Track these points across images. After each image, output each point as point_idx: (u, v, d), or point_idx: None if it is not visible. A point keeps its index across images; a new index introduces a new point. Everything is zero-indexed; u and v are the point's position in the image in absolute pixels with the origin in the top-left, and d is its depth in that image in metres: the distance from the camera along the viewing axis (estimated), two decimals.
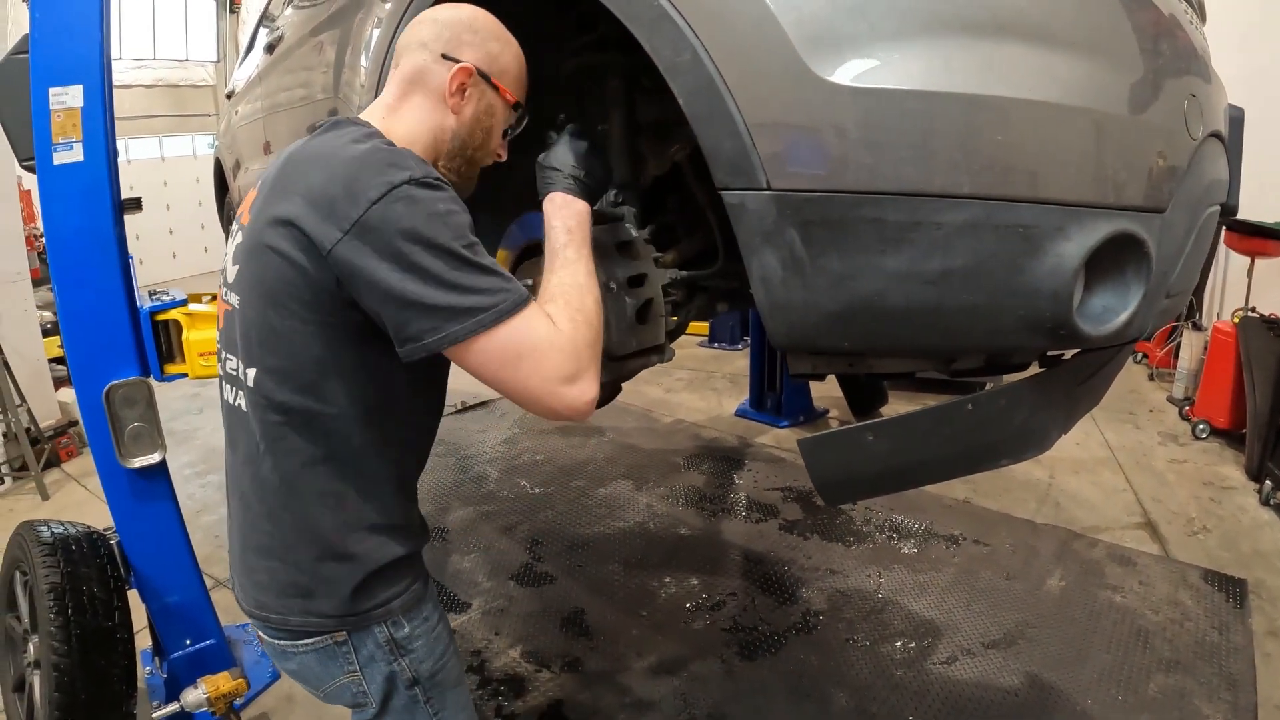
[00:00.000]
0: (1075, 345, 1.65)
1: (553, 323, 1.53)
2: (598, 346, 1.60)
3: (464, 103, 1.74)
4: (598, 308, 1.64)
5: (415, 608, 1.83)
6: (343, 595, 1.72)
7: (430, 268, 1.45)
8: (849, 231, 1.48)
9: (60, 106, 2.92)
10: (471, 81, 1.73)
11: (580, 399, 1.54)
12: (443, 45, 1.73)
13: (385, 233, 1.45)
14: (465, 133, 1.77)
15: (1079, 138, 1.49)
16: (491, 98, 1.78)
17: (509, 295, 1.48)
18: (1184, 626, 3.88)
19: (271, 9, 5.07)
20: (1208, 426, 6.23)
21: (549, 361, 1.51)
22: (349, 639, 1.77)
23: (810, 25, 1.45)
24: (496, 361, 1.51)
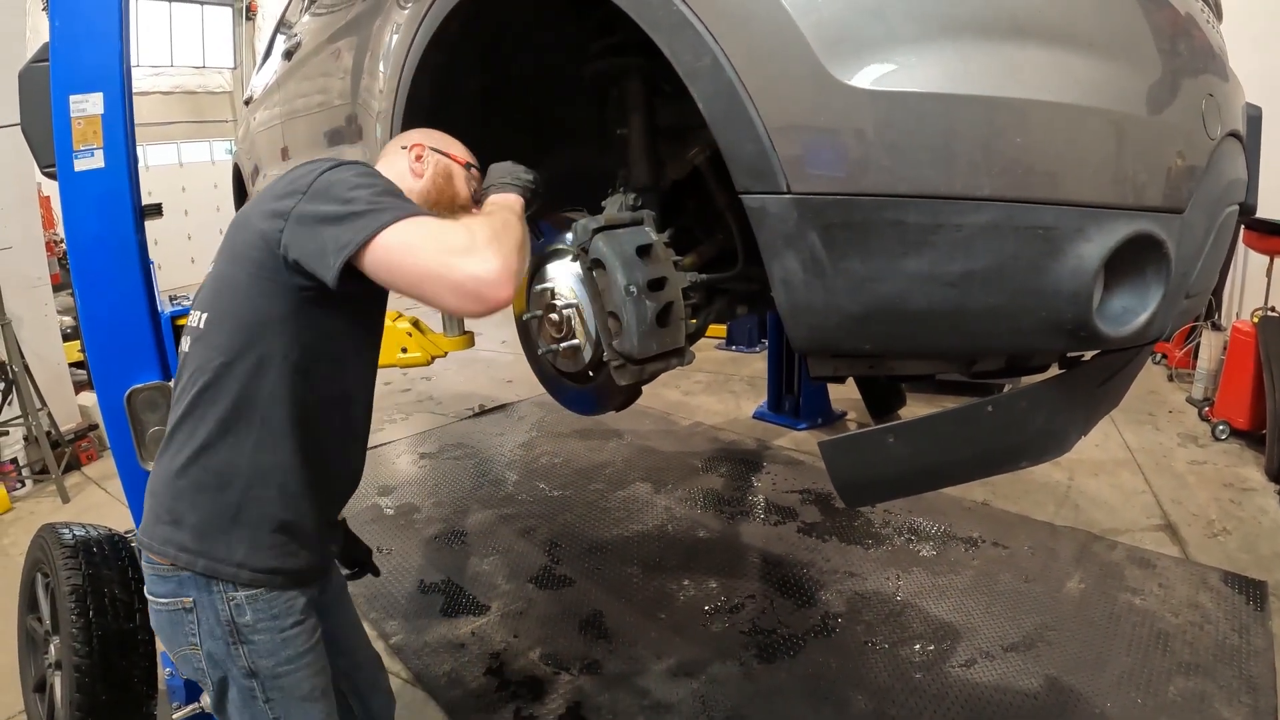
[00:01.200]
0: (1095, 346, 1.65)
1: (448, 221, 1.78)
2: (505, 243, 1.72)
3: (423, 167, 2.07)
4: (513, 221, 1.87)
5: (267, 601, 1.89)
6: (204, 530, 1.85)
7: (360, 197, 1.71)
8: (870, 234, 1.48)
9: (81, 114, 2.94)
10: (426, 153, 2.08)
11: (481, 268, 1.64)
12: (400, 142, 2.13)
13: (327, 187, 1.75)
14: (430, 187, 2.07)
15: (1098, 139, 1.49)
16: (446, 163, 2.10)
17: (411, 207, 1.75)
18: (1204, 629, 3.86)
19: (289, 16, 5.09)
20: (1227, 427, 6.20)
21: (442, 238, 1.67)
22: (195, 608, 1.87)
23: (829, 29, 1.46)
24: (399, 252, 1.66)
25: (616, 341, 1.94)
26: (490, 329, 8.99)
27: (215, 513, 1.84)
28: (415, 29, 2.41)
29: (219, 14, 21.17)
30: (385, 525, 5.45)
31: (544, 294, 2.20)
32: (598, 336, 2.02)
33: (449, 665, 3.86)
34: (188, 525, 1.85)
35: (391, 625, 4.20)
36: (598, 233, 1.94)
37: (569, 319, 2.12)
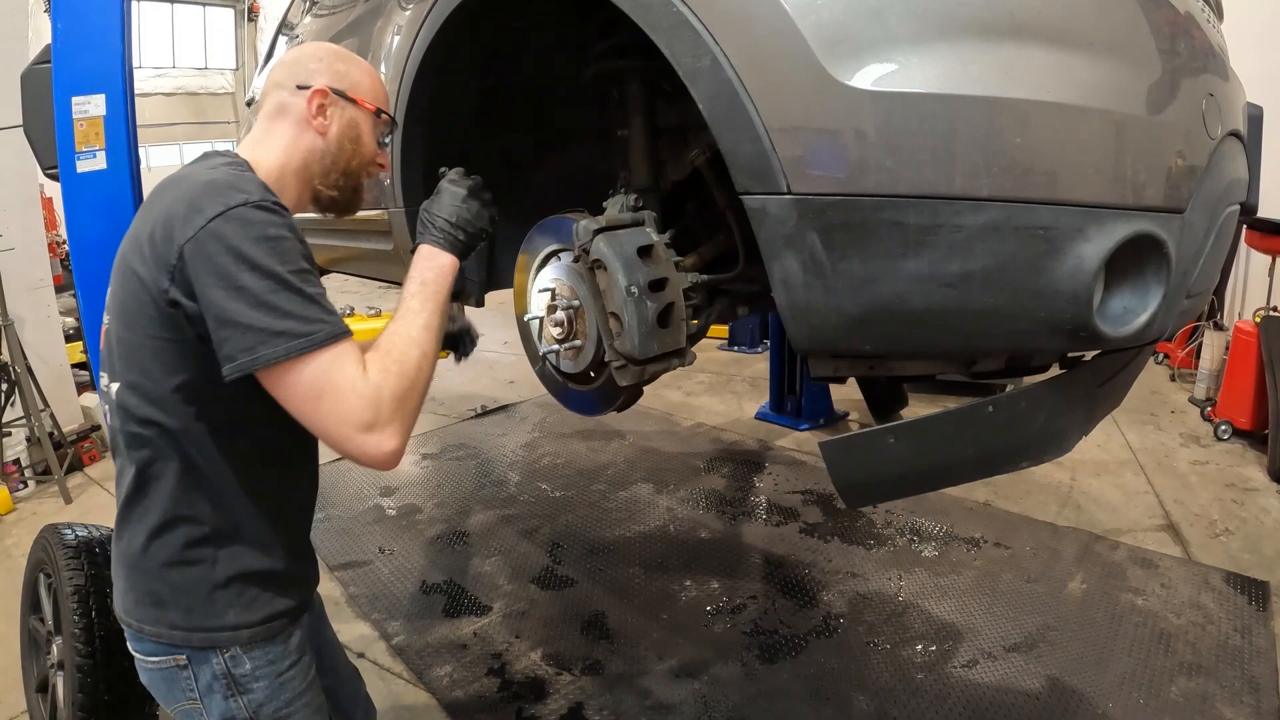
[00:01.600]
0: (1095, 346, 1.65)
1: (362, 368, 1.56)
2: (410, 401, 1.62)
3: (328, 122, 1.86)
4: (423, 363, 1.68)
5: (263, 646, 1.82)
6: (189, 606, 1.74)
7: (251, 288, 1.48)
8: (869, 235, 1.49)
9: (83, 115, 2.95)
10: (329, 100, 1.85)
11: (376, 449, 1.56)
12: (294, 79, 1.85)
13: (215, 250, 1.49)
14: (335, 149, 1.88)
15: (1098, 139, 1.49)
16: (352, 112, 1.89)
17: (324, 328, 1.52)
18: (1206, 630, 3.86)
19: (290, 17, 5.10)
20: (1230, 427, 6.20)
21: (346, 405, 1.53)
22: (190, 664, 1.78)
23: (829, 30, 1.46)
24: (300, 395, 1.53)
25: (618, 342, 1.94)
26: (492, 330, 8.96)
27: (194, 587, 1.74)
28: (416, 31, 2.42)
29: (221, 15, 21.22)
30: (387, 526, 5.45)
31: (545, 295, 2.20)
32: (599, 337, 2.02)
33: (451, 666, 3.86)
34: (171, 605, 1.75)
35: (394, 626, 4.20)
36: (599, 234, 1.95)
37: (570, 320, 2.12)
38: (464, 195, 1.93)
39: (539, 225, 2.28)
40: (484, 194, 1.97)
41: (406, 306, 1.75)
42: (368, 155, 1.94)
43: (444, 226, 1.88)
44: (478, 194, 1.96)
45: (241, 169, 1.70)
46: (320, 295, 1.56)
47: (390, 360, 1.61)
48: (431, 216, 1.90)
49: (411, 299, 1.77)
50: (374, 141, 1.95)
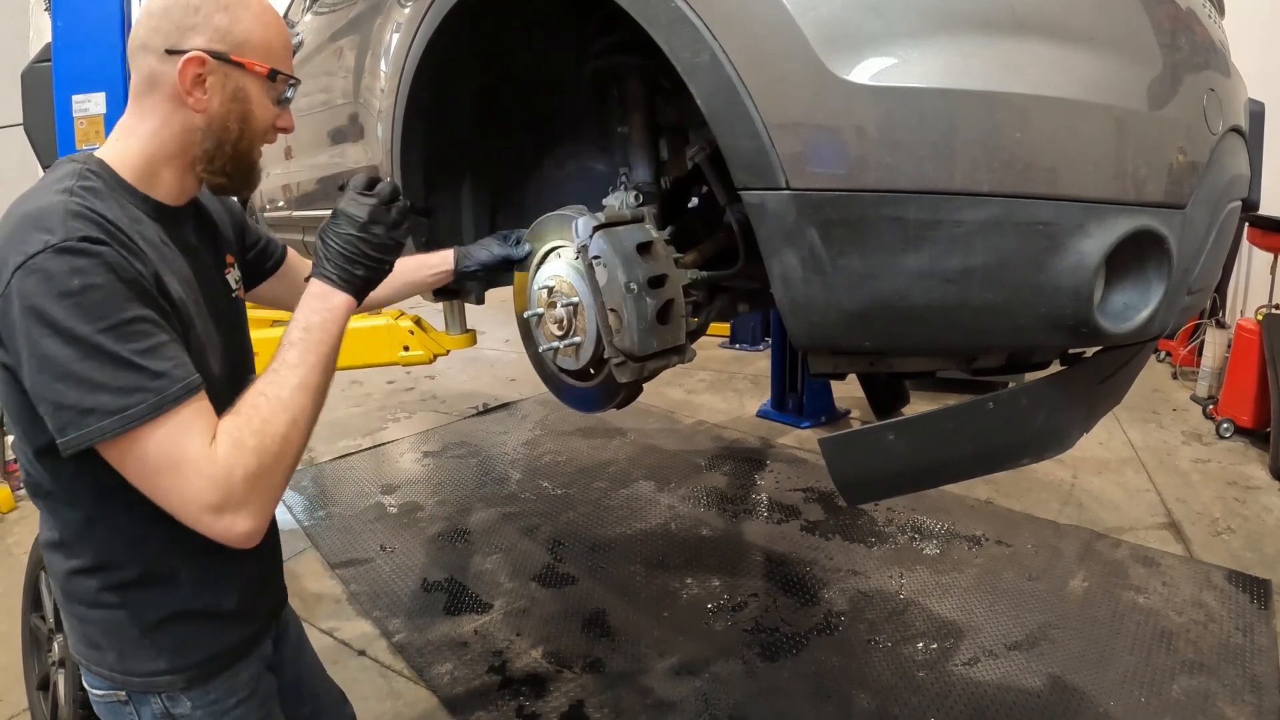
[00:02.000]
0: (1096, 343, 1.65)
1: (210, 440, 1.35)
2: (271, 478, 1.41)
3: (206, 96, 1.52)
4: (291, 432, 1.44)
5: (202, 686, 1.67)
6: (120, 649, 1.62)
7: (54, 357, 1.27)
8: (869, 230, 1.48)
9: (83, 114, 2.95)
10: (207, 69, 1.50)
11: (228, 531, 1.37)
12: (164, 40, 1.50)
13: (16, 313, 1.28)
14: (218, 127, 1.56)
15: (1099, 134, 1.49)
16: (239, 78, 1.55)
17: (145, 399, 1.30)
18: (1208, 628, 3.86)
19: (291, 15, 5.09)
20: (1232, 425, 6.20)
21: (189, 485, 1.33)
22: (130, 701, 1.66)
23: (828, 25, 1.45)
24: (135, 472, 1.35)
25: (617, 339, 1.94)
26: (493, 328, 9.01)
27: (122, 630, 1.60)
28: (415, 28, 2.42)
29: None
30: (388, 523, 5.46)
31: (545, 292, 2.20)
32: (598, 334, 2.02)
33: (452, 663, 3.86)
34: (105, 647, 1.61)
35: (395, 623, 4.21)
36: (598, 230, 1.94)
37: (570, 316, 2.12)
38: (364, 220, 1.63)
39: (538, 222, 2.27)
40: (390, 213, 1.67)
41: (281, 359, 1.50)
42: (261, 126, 1.62)
43: (339, 260, 1.60)
44: (381, 215, 1.65)
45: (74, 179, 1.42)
46: (145, 351, 1.32)
47: (248, 431, 1.38)
48: (325, 246, 1.62)
49: (289, 349, 1.51)
50: (269, 107, 1.62)
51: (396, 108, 2.57)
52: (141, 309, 1.34)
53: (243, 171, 1.64)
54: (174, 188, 1.60)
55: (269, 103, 1.62)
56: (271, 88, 1.61)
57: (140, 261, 1.38)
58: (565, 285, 2.13)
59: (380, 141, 2.75)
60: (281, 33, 1.62)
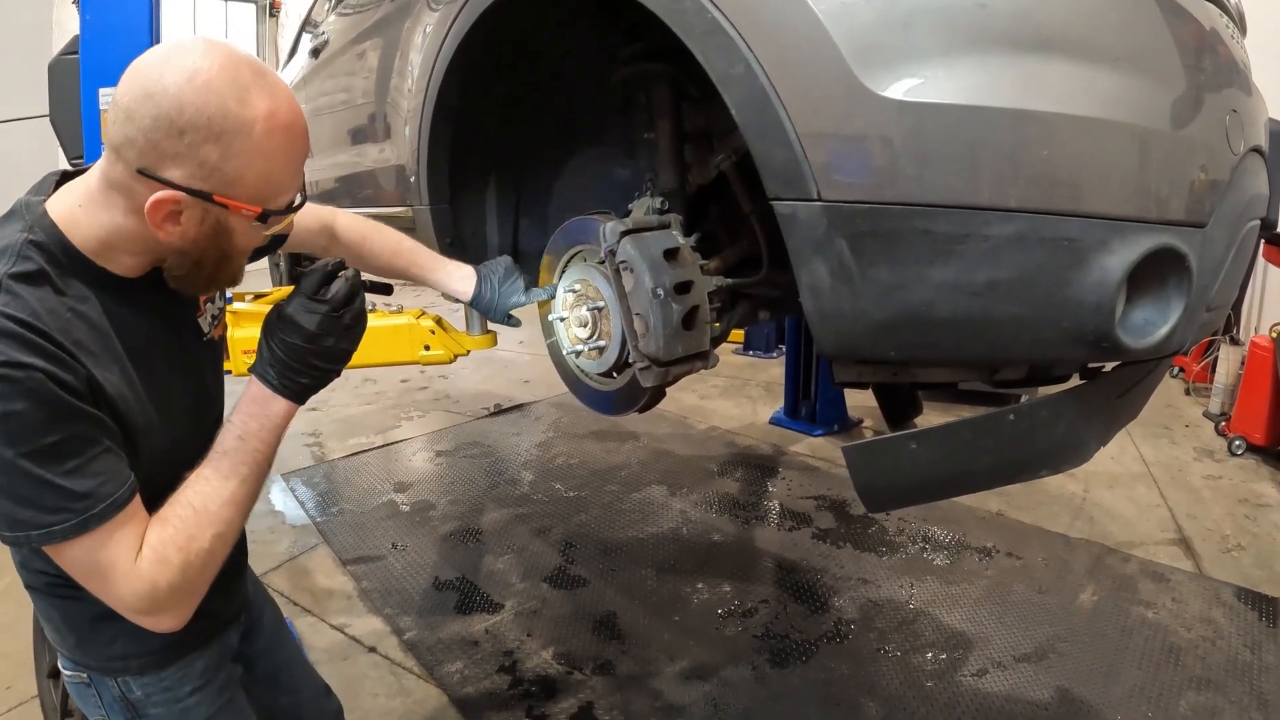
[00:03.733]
0: (1116, 358, 1.67)
1: (136, 553, 1.37)
2: (195, 585, 1.44)
3: (180, 228, 1.36)
4: (216, 543, 1.44)
5: (155, 672, 1.71)
6: (77, 635, 1.65)
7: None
8: (898, 243, 1.50)
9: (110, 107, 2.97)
10: (183, 207, 1.33)
11: (153, 627, 1.43)
12: (138, 156, 1.30)
13: None
14: (193, 255, 1.43)
15: (1123, 153, 1.51)
16: (222, 215, 1.37)
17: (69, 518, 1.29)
18: (1216, 644, 3.86)
19: (314, 15, 5.13)
20: (1244, 442, 6.19)
21: (116, 591, 1.37)
22: (92, 684, 1.70)
23: (861, 39, 1.48)
24: (70, 569, 1.38)
25: (642, 343, 1.96)
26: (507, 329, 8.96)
27: (77, 618, 1.63)
28: (446, 31, 2.44)
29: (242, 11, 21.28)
30: (400, 522, 5.47)
31: (570, 295, 2.22)
32: (623, 338, 2.04)
33: (462, 662, 3.87)
34: (64, 630, 1.65)
35: (406, 621, 4.22)
36: (626, 235, 1.96)
37: (595, 320, 2.14)
38: (311, 332, 1.51)
39: (564, 226, 2.30)
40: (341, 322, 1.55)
41: (214, 466, 1.47)
42: (242, 248, 1.48)
43: (281, 368, 1.52)
44: (331, 327, 1.53)
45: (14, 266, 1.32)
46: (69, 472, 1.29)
47: (173, 548, 1.39)
48: (269, 348, 1.54)
49: (222, 458, 1.48)
50: (257, 237, 1.48)
51: (424, 109, 2.59)
52: (66, 428, 1.30)
53: (220, 283, 1.56)
54: (133, 269, 1.48)
55: (259, 232, 1.47)
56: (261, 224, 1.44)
57: (67, 369, 1.31)
58: (591, 289, 2.15)
59: (407, 141, 2.77)
60: (291, 156, 1.42)
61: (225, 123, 1.28)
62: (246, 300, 3.72)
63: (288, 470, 6.35)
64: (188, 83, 1.27)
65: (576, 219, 2.26)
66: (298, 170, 1.45)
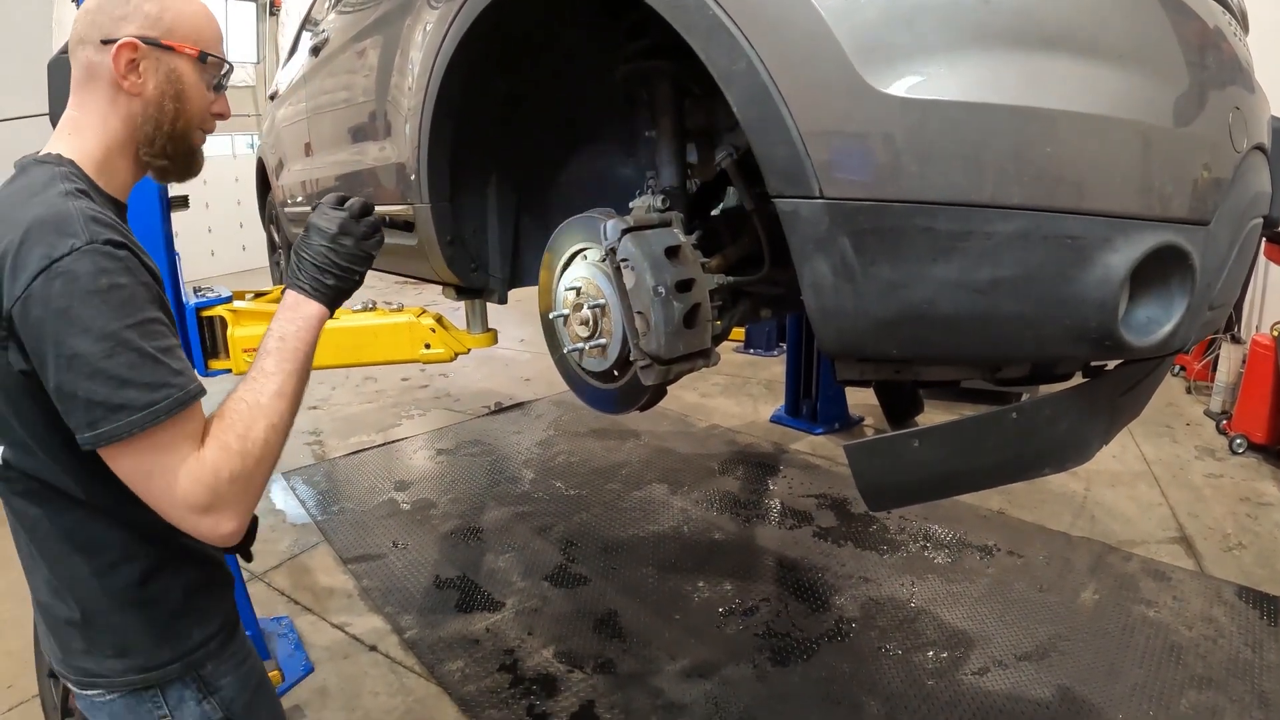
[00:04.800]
0: (1119, 356, 1.66)
1: (198, 444, 1.44)
2: (254, 480, 1.49)
3: (141, 79, 1.57)
4: (270, 435, 1.52)
5: (224, 647, 1.77)
6: (156, 641, 1.66)
7: (84, 354, 1.33)
8: (900, 240, 1.50)
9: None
10: (140, 54, 1.56)
11: (213, 531, 1.45)
12: (99, 32, 1.55)
13: (41, 314, 1.33)
14: (155, 109, 1.60)
15: (1126, 150, 1.50)
16: (171, 61, 1.59)
17: (171, 394, 1.38)
18: (1217, 643, 3.86)
19: (314, 13, 5.12)
20: (1245, 441, 6.18)
21: (180, 487, 1.40)
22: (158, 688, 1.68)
23: (864, 36, 1.47)
24: (130, 471, 1.42)
25: (643, 341, 1.95)
26: (508, 327, 8.97)
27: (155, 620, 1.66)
28: (446, 28, 2.44)
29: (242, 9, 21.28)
30: (401, 520, 5.48)
31: (571, 293, 2.21)
32: (624, 336, 2.03)
33: (463, 661, 3.88)
34: (135, 649, 1.65)
35: (406, 620, 4.23)
36: (627, 233, 1.96)
37: (596, 318, 2.13)
38: (334, 232, 1.71)
39: (565, 224, 2.29)
40: (359, 226, 1.76)
41: (259, 367, 1.57)
42: (196, 109, 1.66)
43: (310, 270, 1.69)
44: (350, 228, 1.74)
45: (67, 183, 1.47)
46: (167, 349, 1.41)
47: (232, 435, 1.46)
48: (298, 258, 1.71)
49: (266, 358, 1.59)
50: (204, 90, 1.67)
51: (425, 106, 2.59)
52: (156, 311, 1.44)
53: (183, 155, 1.70)
54: (126, 180, 1.67)
55: (203, 86, 1.67)
56: (204, 70, 1.66)
57: (146, 264, 1.47)
58: (592, 287, 2.14)
59: (408, 139, 2.77)
60: (210, 20, 1.67)
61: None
62: (247, 299, 3.70)
63: (289, 469, 6.36)
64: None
65: (577, 217, 2.25)
66: (218, 34, 1.69)
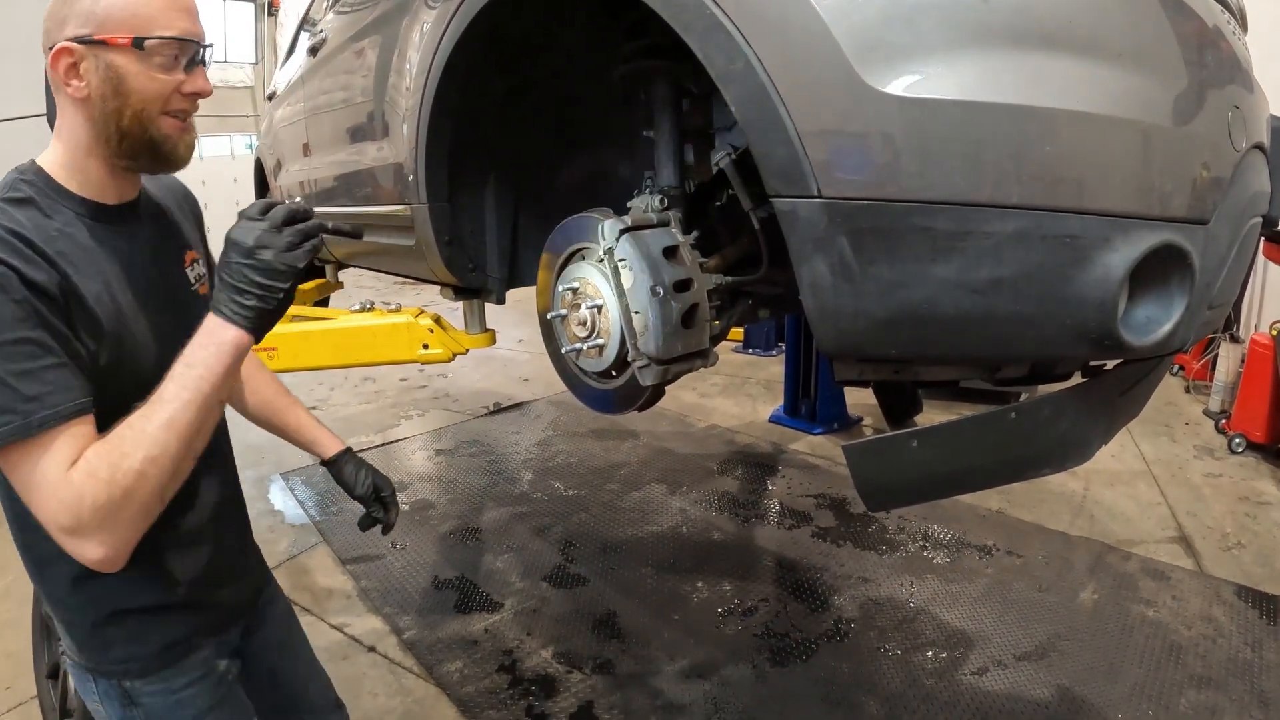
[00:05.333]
0: (1119, 355, 1.66)
1: (68, 465, 1.38)
2: (121, 510, 1.41)
3: (84, 82, 1.51)
4: (149, 466, 1.42)
5: (154, 672, 1.75)
6: (81, 639, 1.71)
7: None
8: (899, 240, 1.49)
9: None
10: (76, 56, 1.49)
11: (81, 555, 1.40)
12: (47, 39, 1.51)
13: None
14: (99, 109, 1.53)
15: (1126, 149, 1.50)
16: (106, 55, 1.50)
17: (12, 420, 1.34)
18: (1217, 643, 3.86)
19: (313, 13, 5.12)
20: (1244, 440, 6.19)
21: (47, 506, 1.37)
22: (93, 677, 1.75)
23: (862, 35, 1.46)
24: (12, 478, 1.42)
25: (641, 342, 1.95)
26: (506, 328, 8.98)
27: (79, 623, 1.70)
28: (443, 28, 2.43)
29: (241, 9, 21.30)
30: (400, 521, 5.40)
31: (569, 293, 2.21)
32: (623, 336, 2.03)
33: (462, 661, 3.87)
34: (67, 636, 1.73)
35: (405, 620, 4.23)
36: (625, 233, 1.95)
37: (594, 319, 2.13)
38: (250, 246, 1.49)
39: (563, 224, 2.28)
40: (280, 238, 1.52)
41: (159, 392, 1.46)
42: (148, 96, 1.55)
43: (226, 290, 1.49)
44: (268, 240, 1.51)
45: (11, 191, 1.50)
46: (22, 374, 1.36)
47: (105, 463, 1.39)
48: (218, 278, 1.52)
49: (168, 383, 1.47)
50: (156, 76, 1.54)
51: (423, 107, 2.58)
52: (29, 330, 1.37)
53: (146, 146, 1.59)
54: (106, 183, 1.62)
55: (152, 71, 1.53)
56: (153, 54, 1.53)
57: (41, 271, 1.41)
58: (590, 287, 2.14)
59: (406, 139, 2.77)
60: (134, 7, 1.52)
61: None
62: None
63: (287, 469, 6.35)
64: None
65: (575, 217, 2.24)
66: (169, 8, 1.54)
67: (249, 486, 5.83)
